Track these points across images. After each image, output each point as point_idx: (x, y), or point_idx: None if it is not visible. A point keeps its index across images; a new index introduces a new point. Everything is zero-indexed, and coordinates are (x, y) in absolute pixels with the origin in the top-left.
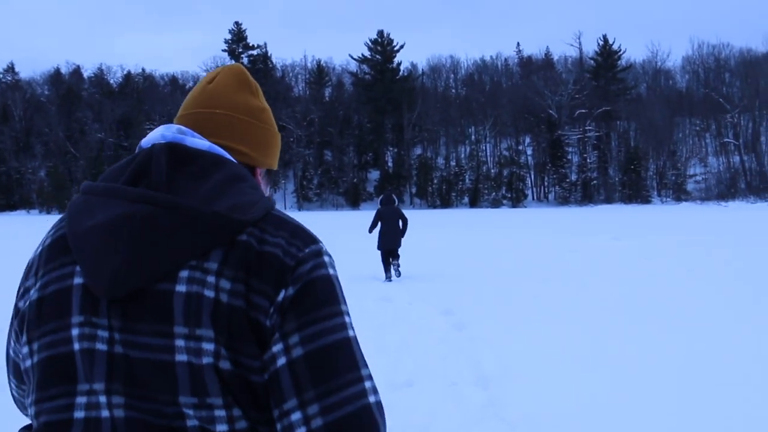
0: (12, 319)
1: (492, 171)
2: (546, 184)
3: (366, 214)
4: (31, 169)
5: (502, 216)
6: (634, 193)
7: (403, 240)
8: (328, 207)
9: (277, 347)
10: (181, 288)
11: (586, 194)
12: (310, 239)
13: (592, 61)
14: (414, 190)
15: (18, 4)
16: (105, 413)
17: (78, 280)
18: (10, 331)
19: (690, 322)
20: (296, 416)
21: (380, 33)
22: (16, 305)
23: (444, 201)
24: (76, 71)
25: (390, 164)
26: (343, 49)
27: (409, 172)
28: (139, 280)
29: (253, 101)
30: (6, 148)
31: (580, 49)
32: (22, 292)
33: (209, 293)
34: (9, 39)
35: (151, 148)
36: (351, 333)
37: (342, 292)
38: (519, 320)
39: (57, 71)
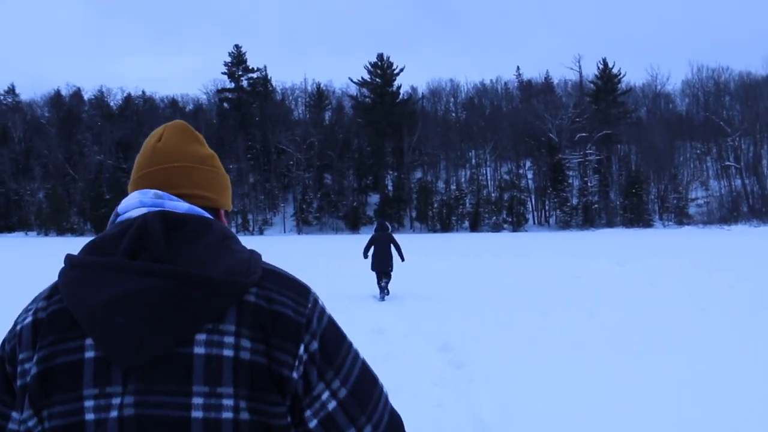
0: None
1: (492, 195)
2: (547, 208)
3: (366, 237)
4: (30, 191)
5: (503, 240)
6: (636, 216)
7: (401, 262)
8: (327, 231)
9: (325, 395)
10: (200, 350)
11: (588, 218)
12: (305, 291)
13: (592, 85)
14: (414, 214)
15: (20, 26)
16: None
17: (90, 354)
18: None
19: (703, 353)
20: None
21: (380, 56)
22: (3, 368)
23: (444, 225)
24: (77, 93)
25: (390, 188)
26: (343, 72)
27: (410, 196)
28: (161, 348)
29: (202, 150)
30: (5, 169)
31: (580, 73)
32: (19, 361)
33: (228, 353)
34: (10, 61)
35: (144, 218)
36: (362, 356)
37: (338, 324)
38: (522, 356)
39: (57, 93)
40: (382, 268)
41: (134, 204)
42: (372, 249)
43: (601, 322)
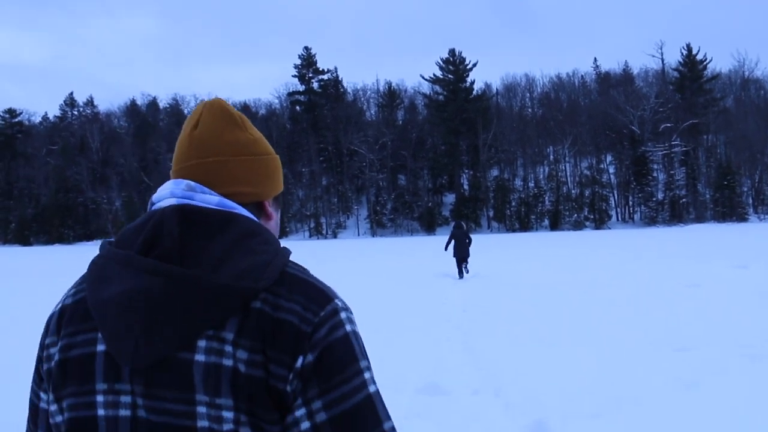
0: (36, 363)
1: (573, 191)
2: (631, 203)
3: (442, 238)
4: (107, 200)
5: (587, 239)
6: (729, 210)
7: (470, 249)
8: (402, 233)
9: (299, 412)
10: (200, 358)
11: (675, 213)
12: (325, 299)
13: (675, 73)
14: (491, 214)
15: (99, 41)
16: None
17: (101, 347)
18: (33, 375)
19: None
20: None
21: (452, 52)
22: (39, 354)
23: (523, 224)
24: (152, 102)
25: (466, 187)
26: (414, 71)
27: (486, 195)
28: (158, 351)
29: (243, 136)
30: (83, 179)
31: (662, 60)
32: (46, 345)
33: (227, 362)
34: (90, 73)
35: (162, 211)
36: (372, 388)
37: (361, 346)
38: None
39: (133, 103)
40: (462, 256)
41: (165, 194)
42: (453, 242)
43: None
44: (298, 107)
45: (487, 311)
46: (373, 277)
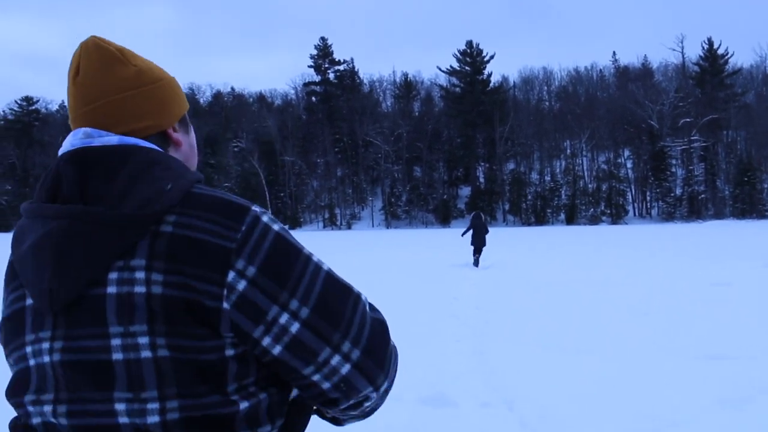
0: None
1: (589, 186)
2: (648, 199)
3: (457, 231)
4: None
5: (604, 234)
6: (749, 207)
7: (487, 238)
8: (417, 225)
9: (283, 318)
10: (112, 290)
11: (693, 209)
12: (242, 211)
13: (696, 67)
14: (507, 207)
15: (117, 30)
16: (54, 422)
17: (29, 301)
18: None
19: None
20: (335, 359)
21: (469, 43)
22: None
23: (539, 218)
24: None
25: (481, 180)
26: (431, 62)
27: (502, 188)
28: (70, 290)
29: (125, 70)
30: None
31: (683, 54)
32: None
33: (140, 289)
34: None
35: (59, 159)
36: (325, 267)
37: (293, 237)
38: None
39: None
40: (478, 245)
41: (66, 146)
42: (471, 231)
43: None
44: (313, 98)
45: (502, 310)
46: (385, 269)
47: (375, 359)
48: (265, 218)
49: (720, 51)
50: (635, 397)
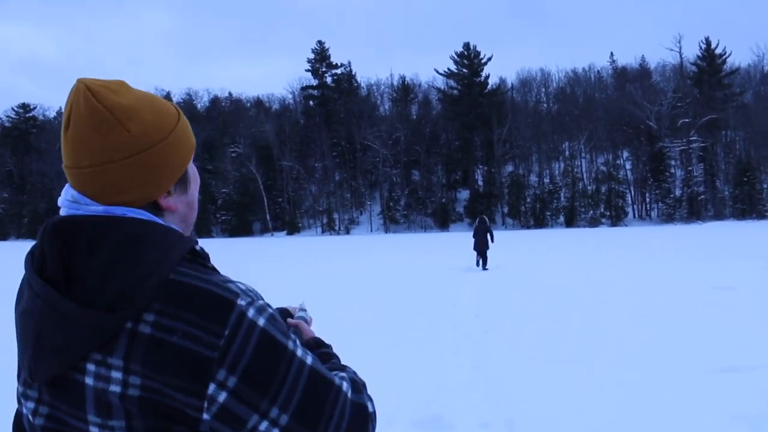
0: None
1: (589, 188)
2: (648, 200)
3: (455, 235)
4: None
5: (604, 236)
6: (749, 207)
7: (491, 242)
8: (415, 229)
9: (263, 426)
10: (89, 381)
11: (693, 210)
12: (225, 308)
13: (694, 67)
14: (506, 210)
15: (115, 36)
16: None
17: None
18: None
19: None
20: None
21: (466, 45)
22: None
23: (538, 221)
24: (166, 97)
25: (480, 183)
26: (428, 65)
27: (501, 191)
28: (47, 371)
29: (116, 137)
30: None
31: (681, 54)
32: None
33: (115, 388)
34: (105, 69)
35: (45, 229)
36: (308, 360)
37: (280, 329)
38: None
39: None
40: (481, 249)
41: (60, 202)
42: (474, 236)
43: None
44: (311, 102)
45: (502, 317)
46: (383, 275)
47: None
48: (251, 313)
49: (717, 51)
50: (643, 415)
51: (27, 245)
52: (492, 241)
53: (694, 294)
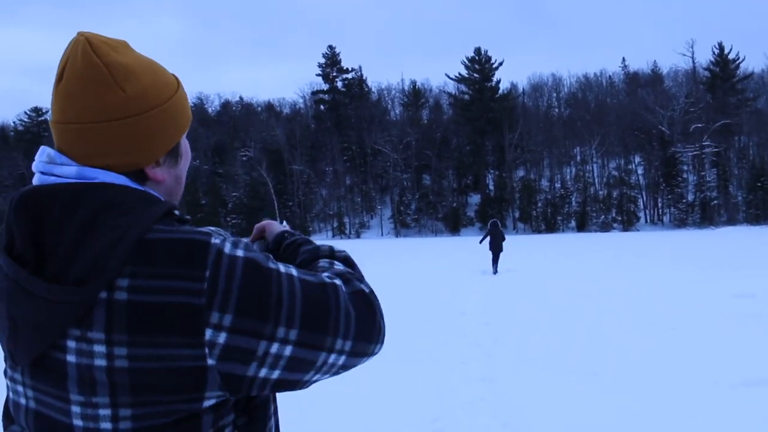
0: None
1: (600, 193)
2: (660, 205)
3: (466, 239)
4: None
5: (617, 241)
6: (763, 213)
7: (504, 245)
8: (426, 233)
9: (274, 348)
10: (71, 359)
11: (706, 215)
12: (201, 250)
13: (706, 72)
14: (517, 215)
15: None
16: None
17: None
18: None
19: None
20: (331, 358)
21: (477, 50)
22: None
23: (549, 225)
24: None
25: (491, 187)
26: (439, 70)
27: (512, 196)
28: (26, 355)
29: (111, 96)
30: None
31: (693, 59)
32: None
33: (100, 362)
34: None
35: (11, 202)
36: (295, 272)
37: (259, 256)
38: None
39: None
40: (496, 250)
41: (33, 166)
42: (489, 239)
43: None
44: (322, 106)
45: (512, 326)
46: (391, 281)
47: (366, 338)
48: (227, 248)
49: (731, 56)
50: None
51: None
52: (503, 240)
53: (716, 303)
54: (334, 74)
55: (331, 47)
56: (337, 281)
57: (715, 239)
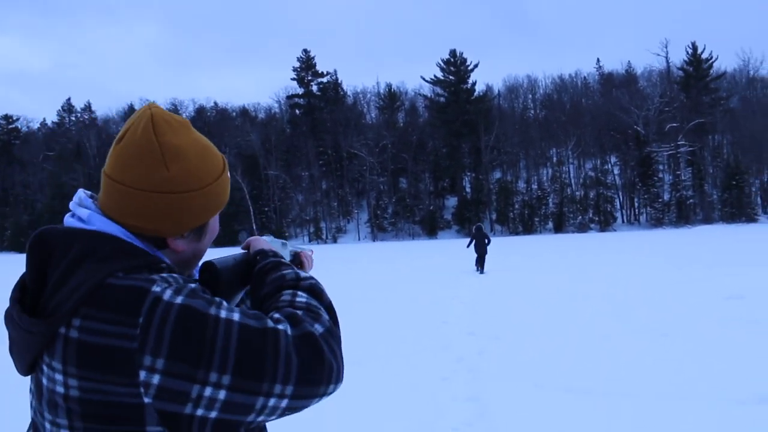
0: None
1: (577, 193)
2: (636, 205)
3: (444, 242)
4: None
5: (594, 241)
6: (738, 211)
7: (488, 243)
8: (403, 237)
9: (207, 391)
10: (44, 381)
11: (682, 214)
12: (138, 298)
13: (680, 72)
14: (494, 217)
15: (102, 48)
16: None
17: None
18: None
19: None
20: (271, 402)
21: (452, 53)
22: None
23: (526, 227)
24: None
25: (468, 190)
26: (415, 73)
27: (489, 198)
28: (20, 369)
29: (155, 172)
30: (79, 185)
31: (667, 59)
32: None
33: (59, 389)
34: (92, 80)
35: (31, 239)
36: (236, 316)
37: (200, 301)
38: None
39: (131, 108)
40: (480, 252)
41: (71, 203)
42: (473, 242)
43: None
44: (297, 110)
45: (498, 335)
46: (368, 287)
47: (311, 382)
48: (167, 295)
49: (704, 55)
50: None
51: (9, 258)
52: (488, 242)
53: (706, 306)
54: (309, 78)
55: (305, 51)
56: (281, 326)
57: (693, 238)
